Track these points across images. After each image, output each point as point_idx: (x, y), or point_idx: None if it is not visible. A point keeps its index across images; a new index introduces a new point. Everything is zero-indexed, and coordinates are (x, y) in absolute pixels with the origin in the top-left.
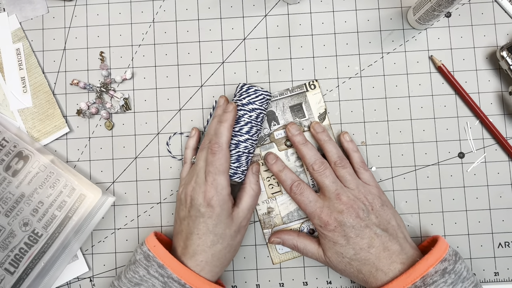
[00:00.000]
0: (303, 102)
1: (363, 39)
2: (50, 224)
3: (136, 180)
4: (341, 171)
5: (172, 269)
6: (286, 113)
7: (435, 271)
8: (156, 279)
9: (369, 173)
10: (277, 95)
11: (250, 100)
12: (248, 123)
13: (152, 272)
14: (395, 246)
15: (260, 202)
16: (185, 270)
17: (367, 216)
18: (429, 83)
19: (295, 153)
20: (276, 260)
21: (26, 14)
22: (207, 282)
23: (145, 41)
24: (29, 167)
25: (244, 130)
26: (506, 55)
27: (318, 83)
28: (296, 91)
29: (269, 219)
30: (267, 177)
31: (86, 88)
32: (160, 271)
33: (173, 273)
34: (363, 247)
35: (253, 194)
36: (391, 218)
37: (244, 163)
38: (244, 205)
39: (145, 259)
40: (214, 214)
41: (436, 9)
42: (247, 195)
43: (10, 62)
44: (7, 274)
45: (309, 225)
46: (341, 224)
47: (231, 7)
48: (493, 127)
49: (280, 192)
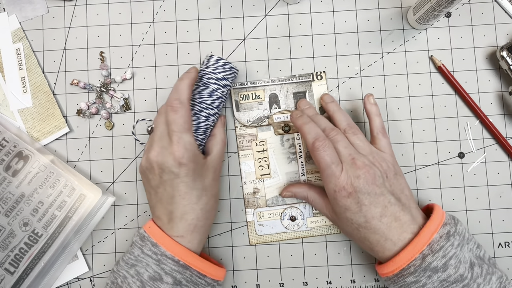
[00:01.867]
0: (307, 91)
1: (363, 39)
2: (50, 224)
3: (136, 180)
4: (352, 138)
5: (166, 247)
6: (289, 98)
7: (439, 236)
8: (150, 257)
9: (387, 140)
10: (283, 79)
11: (225, 76)
12: (219, 97)
13: (146, 251)
14: (407, 216)
15: (247, 181)
16: (179, 247)
17: (382, 183)
18: (429, 83)
19: (290, 139)
20: (253, 241)
21: (26, 14)
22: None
23: (145, 41)
24: (29, 167)
25: (215, 104)
26: (506, 55)
27: (325, 74)
28: (302, 78)
29: (254, 200)
30: (258, 158)
31: (86, 88)
32: (153, 249)
33: (166, 250)
34: (375, 215)
35: (223, 141)
36: (404, 187)
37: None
38: (215, 153)
39: (140, 240)
40: (190, 171)
41: (436, 9)
42: (218, 143)
43: (10, 62)
44: (7, 274)
45: (291, 212)
46: (357, 190)
47: (231, 7)
48: (493, 127)
49: (269, 175)
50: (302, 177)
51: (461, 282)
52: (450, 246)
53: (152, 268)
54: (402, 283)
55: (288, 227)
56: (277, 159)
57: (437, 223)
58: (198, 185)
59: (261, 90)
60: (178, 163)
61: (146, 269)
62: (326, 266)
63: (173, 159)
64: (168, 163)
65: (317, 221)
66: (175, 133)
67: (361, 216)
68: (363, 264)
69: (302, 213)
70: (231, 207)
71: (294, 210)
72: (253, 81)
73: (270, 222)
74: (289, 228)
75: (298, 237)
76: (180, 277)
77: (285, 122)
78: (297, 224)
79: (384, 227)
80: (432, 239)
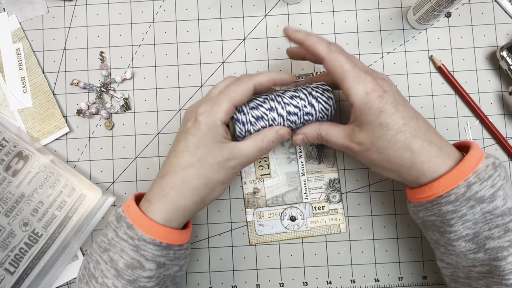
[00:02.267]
0: None
1: (363, 39)
2: (50, 224)
3: (136, 180)
4: None
5: (143, 229)
6: None
7: (485, 166)
8: (126, 242)
9: None
10: None
11: (318, 96)
12: (297, 107)
13: (120, 234)
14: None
15: (247, 181)
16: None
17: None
18: (429, 83)
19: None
20: (253, 241)
21: (26, 14)
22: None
23: (145, 41)
24: (29, 167)
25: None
26: (506, 55)
27: None
28: (302, 78)
29: (254, 199)
30: None
31: (86, 88)
32: (129, 233)
33: (144, 233)
34: (412, 116)
35: (259, 149)
36: None
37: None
38: (244, 146)
39: (116, 221)
40: (199, 132)
41: (436, 9)
42: (254, 144)
43: (10, 62)
44: (7, 274)
45: (291, 212)
46: (387, 90)
47: (231, 7)
48: (493, 127)
49: (269, 175)
50: (302, 177)
51: (509, 216)
52: (498, 177)
53: (128, 254)
54: (436, 210)
55: (288, 227)
56: (277, 159)
57: (479, 153)
58: (197, 152)
59: None
60: (195, 117)
61: (121, 256)
62: (326, 266)
63: (195, 111)
64: (190, 115)
65: (317, 221)
66: (220, 94)
67: (399, 118)
68: (363, 264)
69: (302, 213)
70: (231, 207)
71: (294, 210)
72: None
73: (270, 222)
74: (289, 228)
75: (298, 237)
76: (163, 260)
77: None
78: (297, 224)
79: (424, 129)
80: (478, 167)
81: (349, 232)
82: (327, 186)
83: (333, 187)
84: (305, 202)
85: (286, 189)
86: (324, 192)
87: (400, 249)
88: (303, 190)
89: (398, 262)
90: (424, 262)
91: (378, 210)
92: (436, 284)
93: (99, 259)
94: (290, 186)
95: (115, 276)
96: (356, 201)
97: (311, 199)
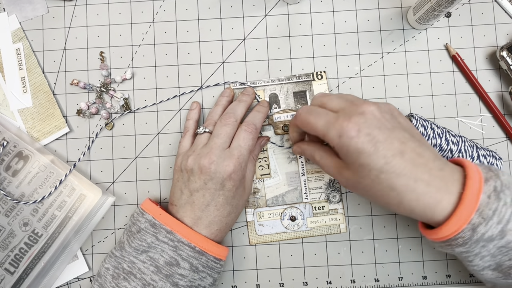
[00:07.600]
0: (308, 90)
1: (363, 39)
2: (50, 224)
3: (136, 180)
4: None
5: (181, 234)
6: (289, 98)
7: (487, 197)
8: (166, 244)
9: None
10: (283, 79)
11: None
12: None
13: (161, 238)
14: (427, 152)
15: None
16: (194, 234)
17: (391, 118)
18: (429, 83)
19: None
20: (253, 241)
21: (26, 14)
22: (214, 243)
23: (145, 41)
24: (29, 167)
25: None
26: (506, 55)
27: (326, 74)
28: (302, 78)
29: (254, 200)
30: (258, 159)
31: (86, 88)
32: (169, 236)
33: (182, 237)
34: (395, 152)
35: (255, 165)
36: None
37: None
38: (250, 175)
39: (152, 227)
40: (234, 188)
41: (436, 9)
42: (252, 166)
43: (10, 62)
44: (7, 274)
45: (291, 212)
46: (365, 126)
47: (231, 7)
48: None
49: (269, 175)
50: (302, 177)
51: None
52: (503, 206)
53: (168, 254)
54: (449, 250)
55: (288, 227)
56: (277, 159)
57: (477, 179)
58: (234, 202)
59: (261, 90)
60: (229, 176)
61: (161, 255)
62: (326, 266)
63: (226, 171)
64: (220, 174)
65: (317, 221)
66: (240, 149)
67: (380, 157)
68: (363, 264)
69: (302, 213)
70: None
71: (294, 210)
72: (253, 81)
73: (270, 222)
74: (289, 228)
75: (298, 237)
76: (196, 263)
77: (285, 121)
78: (297, 224)
79: (409, 166)
80: (479, 202)
81: (349, 232)
82: (327, 186)
83: (333, 187)
84: (305, 202)
85: (286, 189)
86: (324, 192)
87: (400, 249)
88: (303, 190)
89: (398, 262)
90: (424, 262)
91: (378, 210)
92: (436, 284)
93: (134, 259)
94: (290, 186)
95: (154, 272)
96: (356, 201)
97: (311, 199)
